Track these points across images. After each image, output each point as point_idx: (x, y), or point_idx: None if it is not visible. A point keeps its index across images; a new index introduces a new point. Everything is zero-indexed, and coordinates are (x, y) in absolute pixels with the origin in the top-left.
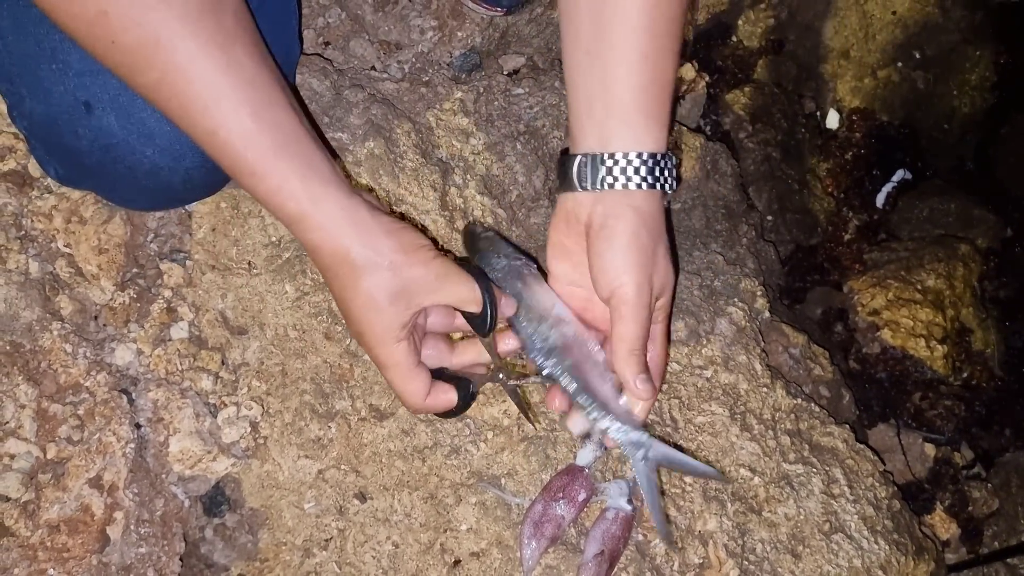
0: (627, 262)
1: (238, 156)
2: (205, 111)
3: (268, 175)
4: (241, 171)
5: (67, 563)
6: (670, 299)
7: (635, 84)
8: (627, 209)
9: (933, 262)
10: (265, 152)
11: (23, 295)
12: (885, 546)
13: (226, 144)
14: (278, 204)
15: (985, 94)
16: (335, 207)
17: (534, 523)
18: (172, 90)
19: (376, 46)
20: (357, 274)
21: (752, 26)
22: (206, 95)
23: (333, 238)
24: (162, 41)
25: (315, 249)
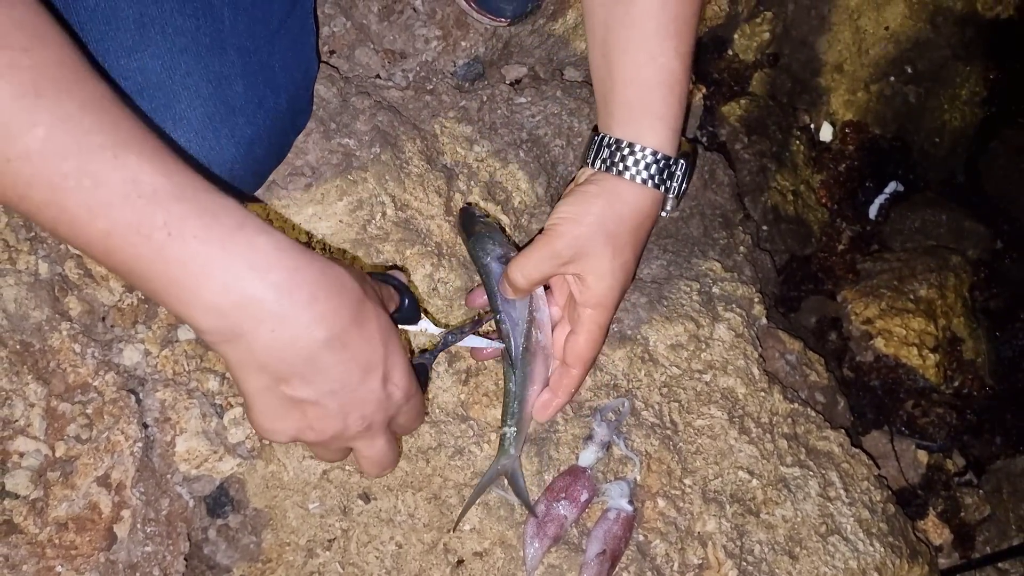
0: (568, 212)
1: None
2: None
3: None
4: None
5: (75, 560)
6: (599, 294)
7: (642, 84)
8: (607, 185)
9: (925, 272)
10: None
11: (33, 295)
12: (880, 548)
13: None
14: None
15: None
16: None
17: (537, 523)
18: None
19: (381, 55)
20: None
21: (748, 40)
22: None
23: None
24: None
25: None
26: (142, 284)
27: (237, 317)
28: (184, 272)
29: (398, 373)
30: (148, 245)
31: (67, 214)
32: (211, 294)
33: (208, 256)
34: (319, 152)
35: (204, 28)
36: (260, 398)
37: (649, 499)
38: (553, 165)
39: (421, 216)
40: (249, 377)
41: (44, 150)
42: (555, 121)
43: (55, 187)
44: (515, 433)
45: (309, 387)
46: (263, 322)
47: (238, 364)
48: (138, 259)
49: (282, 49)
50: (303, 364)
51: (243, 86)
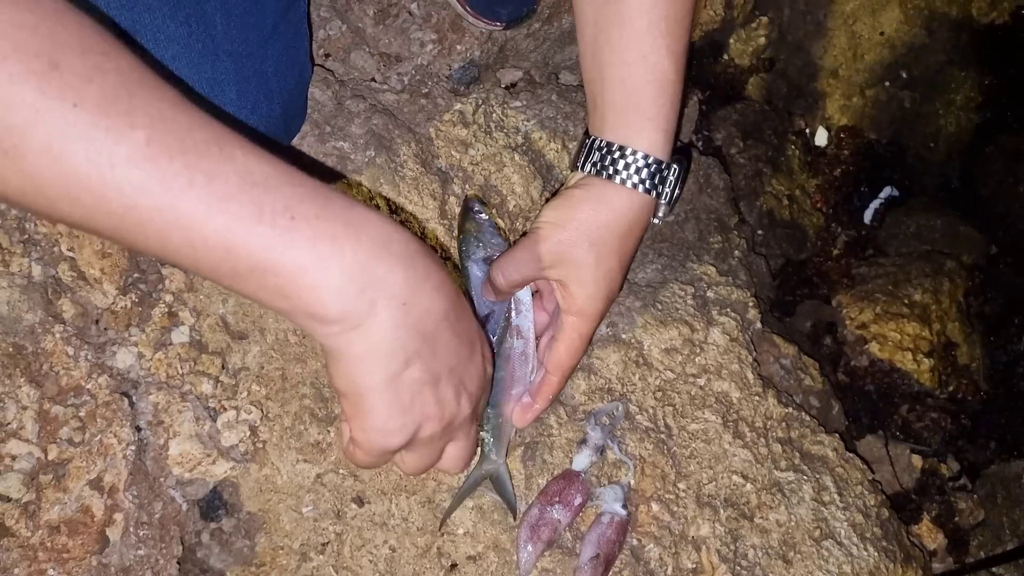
0: (552, 216)
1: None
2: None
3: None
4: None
5: (67, 563)
6: (582, 302)
7: (632, 84)
8: (595, 190)
9: (920, 277)
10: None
11: (26, 298)
12: (874, 552)
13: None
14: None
15: (970, 114)
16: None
17: (530, 527)
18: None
19: (376, 58)
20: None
21: (744, 45)
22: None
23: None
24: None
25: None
26: (268, 280)
27: (370, 294)
28: (313, 254)
29: (487, 347)
30: (273, 233)
31: (182, 217)
32: (343, 272)
33: (335, 234)
34: (314, 155)
35: (196, 34)
36: (388, 389)
37: (643, 503)
38: (548, 169)
39: (416, 220)
40: (377, 366)
41: (148, 151)
42: (550, 125)
43: (167, 188)
44: (493, 440)
45: (432, 363)
46: (395, 295)
47: (365, 353)
48: (265, 251)
49: (275, 54)
50: (430, 338)
51: (236, 92)
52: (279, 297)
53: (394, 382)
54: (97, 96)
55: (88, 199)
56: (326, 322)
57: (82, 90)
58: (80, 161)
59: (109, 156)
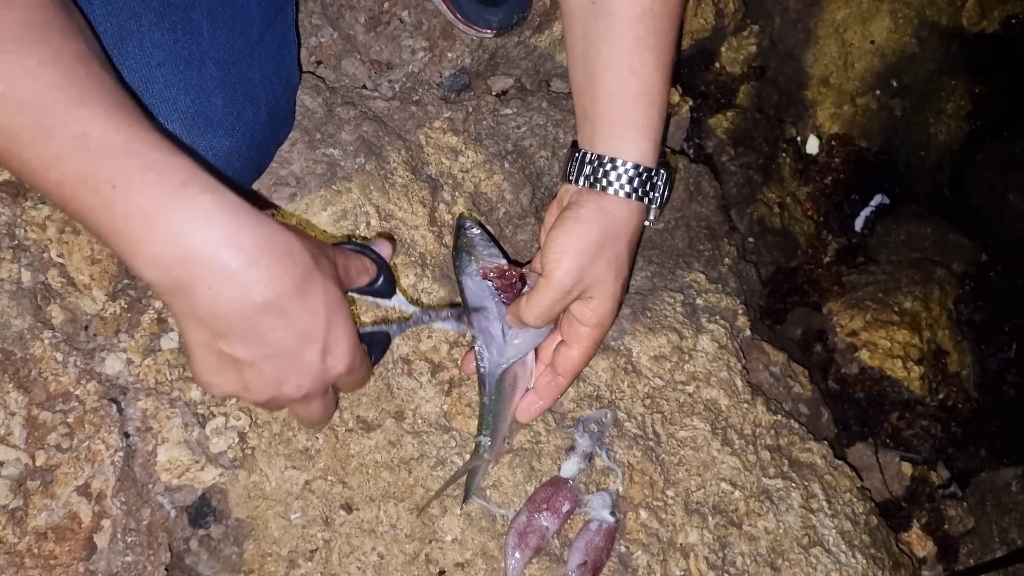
0: (568, 245)
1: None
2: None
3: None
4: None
5: (54, 570)
6: (603, 315)
7: (622, 97)
8: (594, 205)
9: (910, 285)
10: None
11: (15, 304)
12: (863, 560)
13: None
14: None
15: (961, 122)
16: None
17: (518, 534)
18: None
19: (367, 65)
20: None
21: (735, 53)
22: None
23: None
24: None
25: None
26: (96, 233)
27: (178, 272)
28: (127, 225)
29: (340, 348)
30: (94, 197)
31: (26, 163)
32: (152, 248)
33: (149, 210)
34: (304, 162)
35: (182, 41)
36: (199, 351)
37: (631, 510)
38: (538, 176)
39: (405, 226)
40: (190, 330)
41: (3, 104)
42: (541, 132)
43: (13, 138)
44: (489, 444)
45: (245, 348)
46: (201, 279)
47: (180, 316)
48: (88, 210)
49: (262, 61)
50: (240, 324)
51: (222, 99)
52: (110, 248)
53: (205, 348)
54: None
55: None
56: (146, 281)
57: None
58: None
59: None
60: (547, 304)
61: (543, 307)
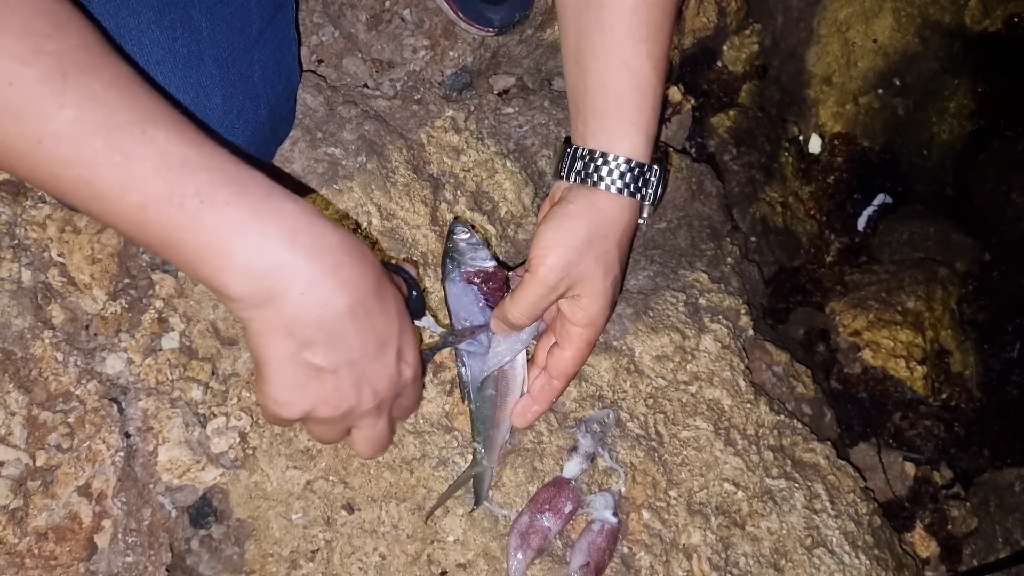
0: (554, 240)
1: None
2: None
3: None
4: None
5: (54, 571)
6: (593, 314)
7: (613, 90)
8: (584, 201)
9: (913, 284)
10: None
11: (15, 303)
12: (866, 561)
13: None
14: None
15: (963, 121)
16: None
17: (521, 534)
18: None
19: (369, 64)
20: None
21: (737, 51)
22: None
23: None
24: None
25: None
26: (176, 255)
27: (269, 280)
28: (217, 237)
29: (410, 351)
30: (181, 214)
31: (100, 191)
32: (244, 258)
33: (240, 221)
34: (305, 161)
35: (181, 39)
36: (281, 366)
37: (634, 511)
38: (540, 175)
39: (407, 226)
40: (273, 343)
41: (73, 130)
42: (542, 131)
43: (86, 164)
44: (484, 450)
45: (331, 354)
46: (293, 285)
47: (264, 330)
48: (172, 229)
49: (262, 59)
50: (328, 329)
51: (221, 97)
52: (188, 270)
53: (289, 361)
54: (32, 77)
55: (22, 167)
56: (229, 299)
57: (17, 71)
58: (13, 135)
59: (37, 132)
60: (532, 300)
61: (527, 303)
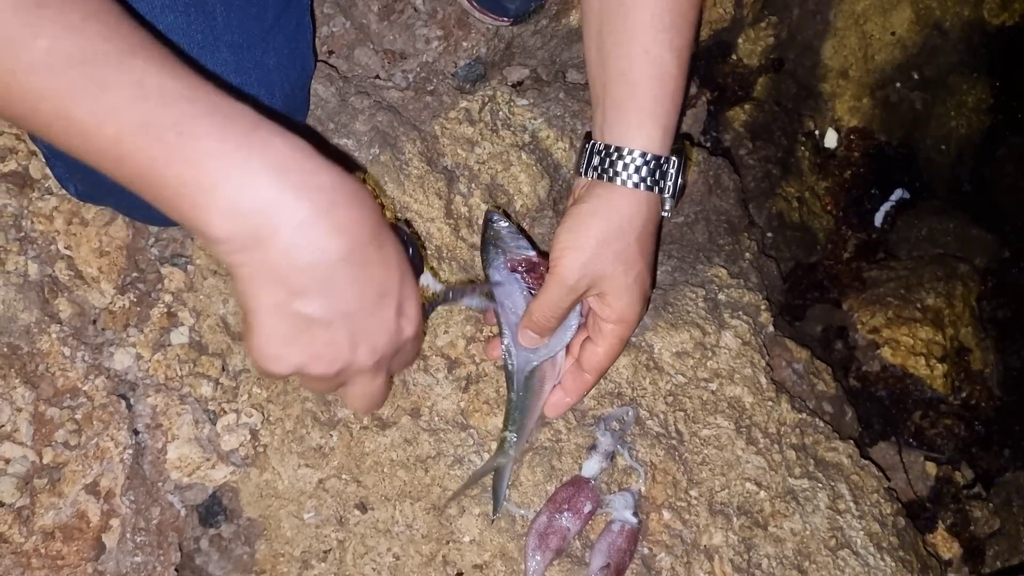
0: (568, 241)
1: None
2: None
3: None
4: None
5: (61, 571)
6: (621, 310)
7: (632, 79)
8: (599, 199)
9: (932, 281)
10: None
11: (22, 297)
12: (891, 563)
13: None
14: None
15: (982, 116)
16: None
17: (539, 535)
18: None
19: (381, 55)
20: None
21: (752, 44)
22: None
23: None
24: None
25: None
26: (157, 193)
27: (255, 220)
28: (198, 172)
29: (411, 305)
30: (159, 146)
31: (76, 124)
32: (227, 195)
33: (223, 155)
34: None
35: (195, 25)
36: (270, 316)
37: (654, 511)
38: (556, 168)
39: (421, 218)
40: (262, 291)
41: (48, 60)
42: (558, 123)
43: (61, 96)
44: (515, 439)
45: (324, 303)
46: (282, 226)
47: (252, 276)
48: (151, 162)
49: (277, 47)
50: (321, 276)
51: (236, 84)
52: (170, 209)
53: (278, 310)
54: (6, 5)
55: (2, 104)
56: (213, 240)
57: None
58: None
59: (10, 63)
60: (552, 302)
61: (549, 305)
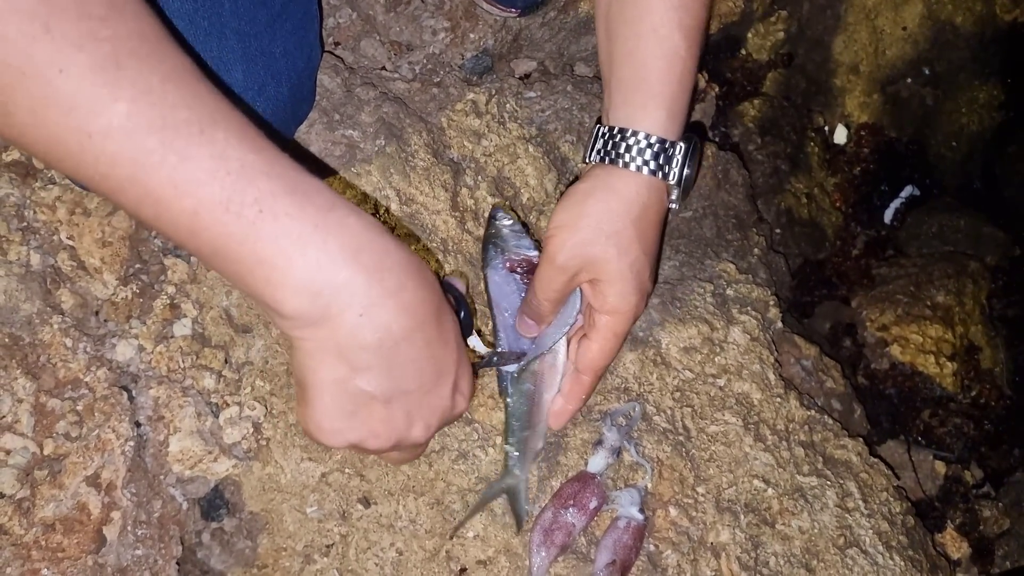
0: (559, 220)
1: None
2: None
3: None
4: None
5: (62, 563)
6: (614, 300)
7: (639, 59)
8: (598, 180)
9: (942, 278)
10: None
11: (23, 287)
12: (900, 562)
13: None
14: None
15: (993, 112)
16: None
17: (544, 531)
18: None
19: (387, 47)
20: None
21: (762, 39)
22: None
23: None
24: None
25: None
26: (228, 266)
27: (327, 298)
28: (275, 250)
29: (466, 382)
30: (237, 223)
31: (152, 193)
32: (302, 274)
33: (301, 234)
34: (322, 143)
35: (202, 11)
36: (332, 391)
37: (660, 507)
38: (563, 161)
39: (427, 211)
40: (325, 366)
41: (127, 125)
42: (565, 116)
43: (139, 164)
44: (518, 455)
45: (385, 381)
46: (352, 305)
47: (316, 351)
48: (227, 238)
49: (284, 35)
50: (384, 354)
51: (242, 72)
52: (239, 282)
53: (339, 386)
54: (85, 64)
55: (68, 162)
56: (281, 316)
57: (70, 57)
58: (60, 127)
59: (87, 125)
60: (544, 281)
61: (540, 285)
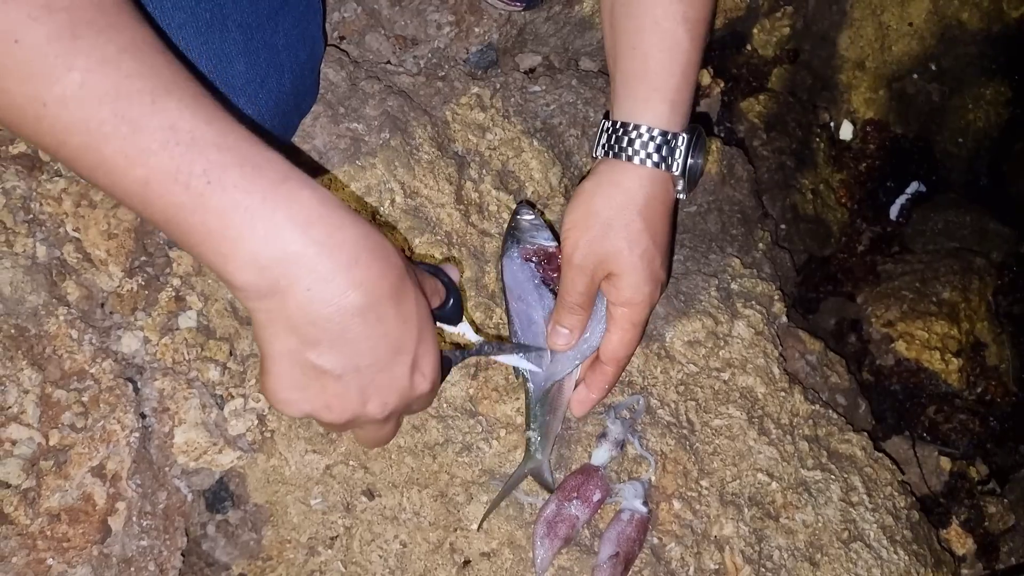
0: (570, 221)
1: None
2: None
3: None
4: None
5: (67, 553)
6: (629, 292)
7: (642, 52)
8: (602, 176)
9: (948, 275)
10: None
11: (29, 279)
12: (904, 556)
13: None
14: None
15: (1000, 109)
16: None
17: (547, 523)
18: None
19: (392, 41)
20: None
21: (767, 35)
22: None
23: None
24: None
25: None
26: (180, 236)
27: (275, 272)
28: (223, 222)
29: (427, 363)
30: (186, 194)
31: (105, 161)
32: (250, 246)
33: (248, 206)
34: (327, 137)
35: (204, 3)
36: (282, 362)
37: (664, 501)
38: (567, 155)
39: (431, 204)
40: (276, 338)
41: (81, 95)
42: (570, 110)
43: (92, 132)
44: (539, 439)
45: (336, 357)
46: (300, 279)
47: (267, 322)
48: (177, 208)
49: (286, 27)
50: (334, 330)
51: (245, 65)
52: (193, 252)
53: (290, 358)
54: (41, 34)
55: (27, 130)
56: (233, 287)
57: (26, 27)
58: (18, 96)
59: (42, 94)
60: (567, 283)
61: (564, 288)
